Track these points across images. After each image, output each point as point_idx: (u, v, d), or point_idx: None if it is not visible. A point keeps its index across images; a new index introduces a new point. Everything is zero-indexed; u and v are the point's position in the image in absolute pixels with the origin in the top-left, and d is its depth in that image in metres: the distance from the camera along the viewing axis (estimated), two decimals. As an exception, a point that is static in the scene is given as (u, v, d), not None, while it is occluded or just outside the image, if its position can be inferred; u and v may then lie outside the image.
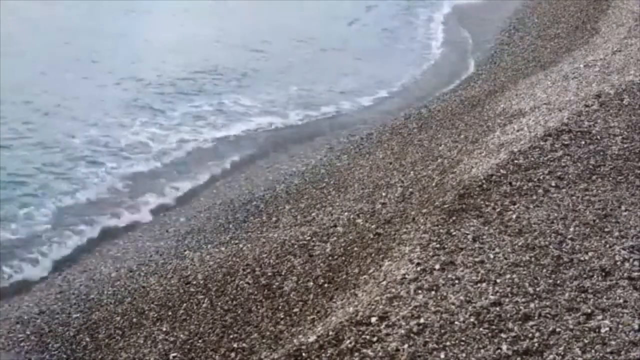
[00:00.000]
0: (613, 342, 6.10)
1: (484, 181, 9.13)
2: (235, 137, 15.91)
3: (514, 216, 8.19)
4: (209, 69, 20.06)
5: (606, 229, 7.88)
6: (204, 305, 8.95)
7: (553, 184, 8.94)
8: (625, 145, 9.96)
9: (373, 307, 6.77)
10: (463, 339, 6.20)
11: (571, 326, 6.31)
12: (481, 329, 6.30)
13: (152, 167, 14.22)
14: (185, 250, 10.73)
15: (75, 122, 15.75)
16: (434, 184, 10.17)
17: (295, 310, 8.20)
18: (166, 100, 17.55)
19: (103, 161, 14.13)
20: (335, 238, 9.61)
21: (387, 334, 6.32)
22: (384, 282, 7.27)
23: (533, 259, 7.32)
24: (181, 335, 8.48)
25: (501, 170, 9.38)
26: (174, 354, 8.18)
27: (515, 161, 9.62)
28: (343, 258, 8.91)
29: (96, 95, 17.40)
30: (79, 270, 10.65)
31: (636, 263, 7.21)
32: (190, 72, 19.68)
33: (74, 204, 12.54)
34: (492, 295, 6.74)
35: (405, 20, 27.47)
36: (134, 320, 9.11)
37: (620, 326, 6.28)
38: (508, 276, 7.03)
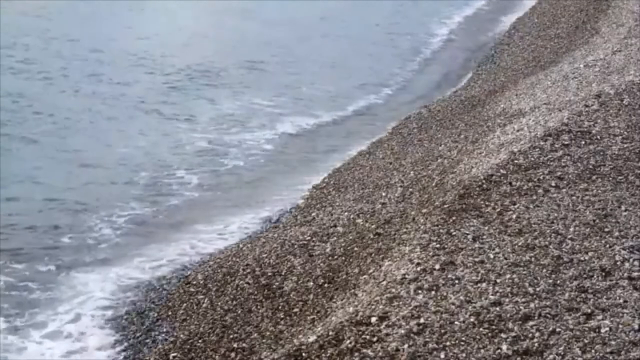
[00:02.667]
0: (613, 342, 6.10)
1: (484, 181, 9.13)
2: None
3: (514, 216, 8.19)
4: (213, 68, 20.07)
5: (606, 229, 7.88)
6: (204, 305, 8.95)
7: (553, 184, 8.94)
8: (625, 145, 9.96)
9: (373, 307, 6.76)
10: (463, 339, 6.19)
11: (571, 326, 6.31)
12: (481, 329, 6.29)
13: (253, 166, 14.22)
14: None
15: (112, 133, 15.41)
16: (434, 184, 10.16)
17: (295, 310, 8.20)
18: (185, 101, 17.56)
19: (178, 166, 13.97)
20: (335, 238, 9.60)
21: (387, 334, 6.31)
22: (384, 282, 7.26)
23: (533, 259, 7.32)
24: (181, 335, 8.48)
25: (501, 170, 9.37)
26: (174, 354, 8.18)
27: (515, 161, 9.61)
28: (343, 258, 8.90)
29: (113, 101, 17.29)
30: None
31: (636, 263, 7.20)
32: (196, 71, 19.69)
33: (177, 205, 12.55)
34: (492, 295, 6.74)
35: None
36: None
37: (620, 326, 6.28)
38: (508, 276, 7.02)
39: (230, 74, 19.69)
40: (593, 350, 6.02)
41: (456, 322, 6.39)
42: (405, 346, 6.14)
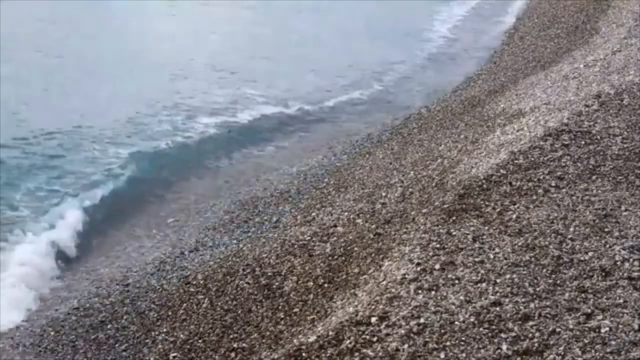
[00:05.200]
0: (613, 342, 6.09)
1: (484, 181, 9.13)
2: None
3: (514, 216, 8.19)
4: (213, 64, 20.12)
5: (606, 229, 7.87)
6: (204, 305, 8.96)
7: (553, 184, 8.94)
8: (625, 145, 9.96)
9: (373, 307, 6.76)
10: (463, 339, 6.19)
11: (571, 326, 6.31)
12: (481, 329, 6.29)
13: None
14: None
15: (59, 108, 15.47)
16: (434, 184, 10.16)
17: (295, 310, 8.20)
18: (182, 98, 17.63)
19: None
20: (335, 238, 9.60)
21: (387, 334, 6.31)
22: (384, 282, 7.26)
23: (533, 259, 7.32)
24: (181, 335, 8.48)
25: (501, 170, 9.38)
26: (174, 354, 8.18)
27: (515, 161, 9.61)
28: (343, 258, 8.90)
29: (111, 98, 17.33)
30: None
31: (636, 263, 7.20)
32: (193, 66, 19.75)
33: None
34: (492, 295, 6.74)
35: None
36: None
37: (620, 326, 6.28)
38: (508, 276, 7.02)
39: (226, 66, 19.72)
40: (593, 350, 6.02)
41: (456, 322, 6.39)
42: (405, 346, 6.14)
